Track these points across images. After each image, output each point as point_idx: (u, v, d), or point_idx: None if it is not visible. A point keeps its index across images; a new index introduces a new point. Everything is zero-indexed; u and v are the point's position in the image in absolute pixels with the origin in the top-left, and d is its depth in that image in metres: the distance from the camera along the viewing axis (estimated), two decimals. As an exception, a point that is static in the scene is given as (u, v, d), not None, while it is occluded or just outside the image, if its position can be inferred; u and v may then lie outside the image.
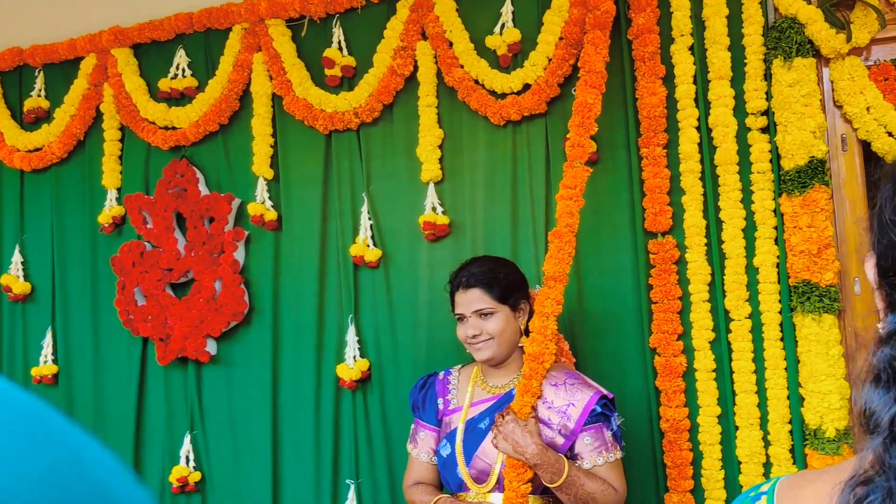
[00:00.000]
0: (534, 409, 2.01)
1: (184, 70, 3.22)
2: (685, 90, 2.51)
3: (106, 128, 3.30)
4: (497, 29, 2.76)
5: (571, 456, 2.00)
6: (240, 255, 3.04)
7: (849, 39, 2.36)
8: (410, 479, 2.22)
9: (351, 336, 2.87)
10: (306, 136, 3.00)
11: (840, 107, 2.44)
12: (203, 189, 3.12)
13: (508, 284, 2.11)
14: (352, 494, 2.83)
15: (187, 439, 3.08)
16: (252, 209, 3.01)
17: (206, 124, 3.10)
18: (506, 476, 1.96)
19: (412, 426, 2.27)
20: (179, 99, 3.23)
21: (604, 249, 2.63)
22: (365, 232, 2.88)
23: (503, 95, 2.73)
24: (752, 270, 2.45)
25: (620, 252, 2.61)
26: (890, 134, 2.35)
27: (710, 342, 2.47)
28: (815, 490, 0.74)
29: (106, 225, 3.25)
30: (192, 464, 3.07)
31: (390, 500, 2.80)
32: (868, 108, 2.38)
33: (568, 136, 2.33)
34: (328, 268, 2.98)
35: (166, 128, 3.20)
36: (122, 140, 3.32)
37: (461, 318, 2.12)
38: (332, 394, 2.91)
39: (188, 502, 3.10)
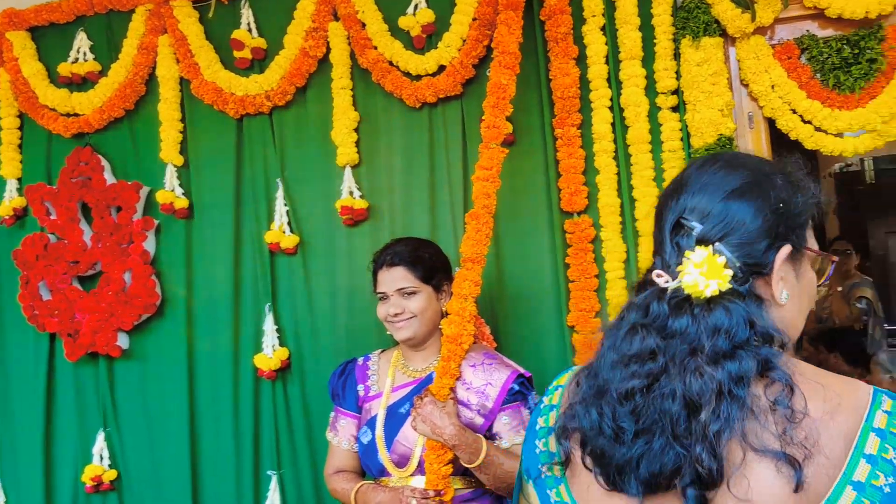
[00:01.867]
0: (453, 390, 2.00)
1: (85, 54, 3.09)
2: (597, 70, 2.53)
3: (3, 115, 3.14)
4: (410, 10, 2.73)
5: (490, 436, 2.00)
6: (150, 244, 2.94)
7: (753, 19, 2.42)
8: (332, 467, 2.19)
9: (269, 325, 2.81)
10: (216, 121, 2.92)
11: (746, 85, 2.50)
12: (109, 177, 3.00)
13: (433, 265, 2.10)
14: (274, 485, 2.78)
15: (101, 437, 2.97)
16: (161, 197, 2.91)
17: (110, 110, 2.99)
18: (426, 458, 1.95)
19: (332, 414, 2.23)
20: (81, 84, 3.10)
21: (521, 230, 2.63)
22: (280, 218, 2.82)
23: (418, 77, 2.70)
24: (665, 247, 2.49)
25: (537, 232, 2.62)
26: (794, 111, 2.42)
27: (626, 319, 2.50)
28: None
29: (6, 217, 3.11)
30: (106, 462, 2.96)
31: (313, 489, 2.76)
32: (773, 87, 2.44)
33: (483, 117, 2.32)
34: (243, 256, 2.90)
35: (68, 114, 3.07)
36: (21, 128, 3.17)
37: (383, 296, 2.09)
38: (251, 385, 2.84)
39: (104, 502, 3.00)
